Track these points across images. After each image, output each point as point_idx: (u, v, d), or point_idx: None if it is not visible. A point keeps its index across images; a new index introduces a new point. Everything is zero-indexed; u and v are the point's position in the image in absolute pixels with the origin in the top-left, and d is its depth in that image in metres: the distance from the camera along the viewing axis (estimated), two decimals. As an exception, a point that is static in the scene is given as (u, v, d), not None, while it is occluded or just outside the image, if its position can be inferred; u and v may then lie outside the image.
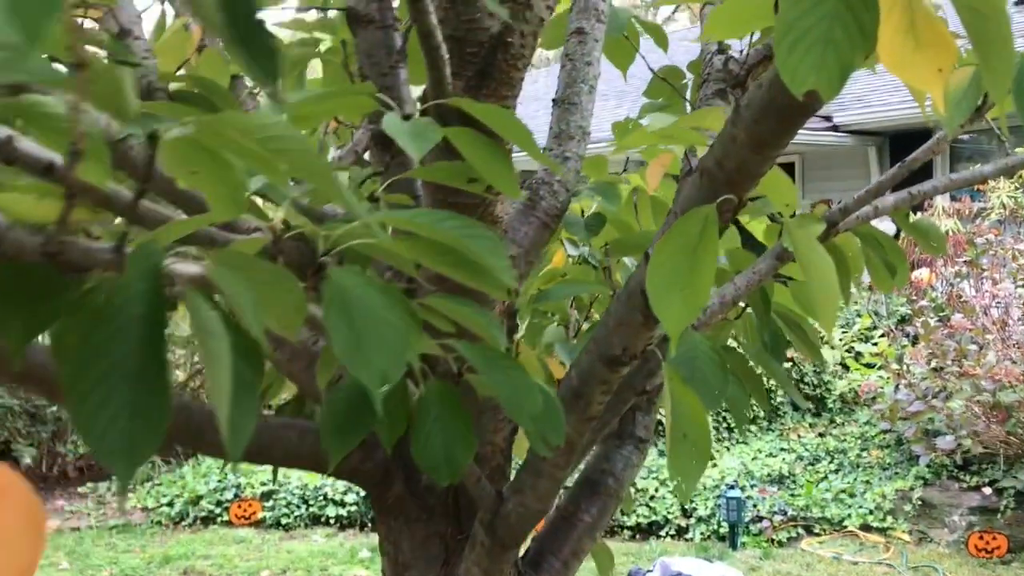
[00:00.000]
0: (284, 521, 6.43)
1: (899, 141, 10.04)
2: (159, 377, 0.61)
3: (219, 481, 6.67)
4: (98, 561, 5.73)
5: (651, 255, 0.87)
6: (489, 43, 1.21)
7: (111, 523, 6.44)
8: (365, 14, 1.45)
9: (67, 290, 0.73)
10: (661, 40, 2.00)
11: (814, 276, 0.87)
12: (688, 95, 1.92)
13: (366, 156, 1.72)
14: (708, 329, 1.44)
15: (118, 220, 0.95)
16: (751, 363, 1.37)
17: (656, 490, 6.39)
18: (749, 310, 1.47)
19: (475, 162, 1.08)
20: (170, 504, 6.58)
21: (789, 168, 10.93)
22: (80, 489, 6.98)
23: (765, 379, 1.55)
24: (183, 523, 6.48)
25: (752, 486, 6.53)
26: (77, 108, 0.74)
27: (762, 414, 7.30)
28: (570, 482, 1.61)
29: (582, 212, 1.64)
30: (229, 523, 6.46)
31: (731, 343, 1.53)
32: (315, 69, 1.98)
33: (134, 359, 0.61)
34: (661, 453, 6.59)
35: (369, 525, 6.31)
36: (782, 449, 7.08)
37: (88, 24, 1.79)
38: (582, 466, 1.70)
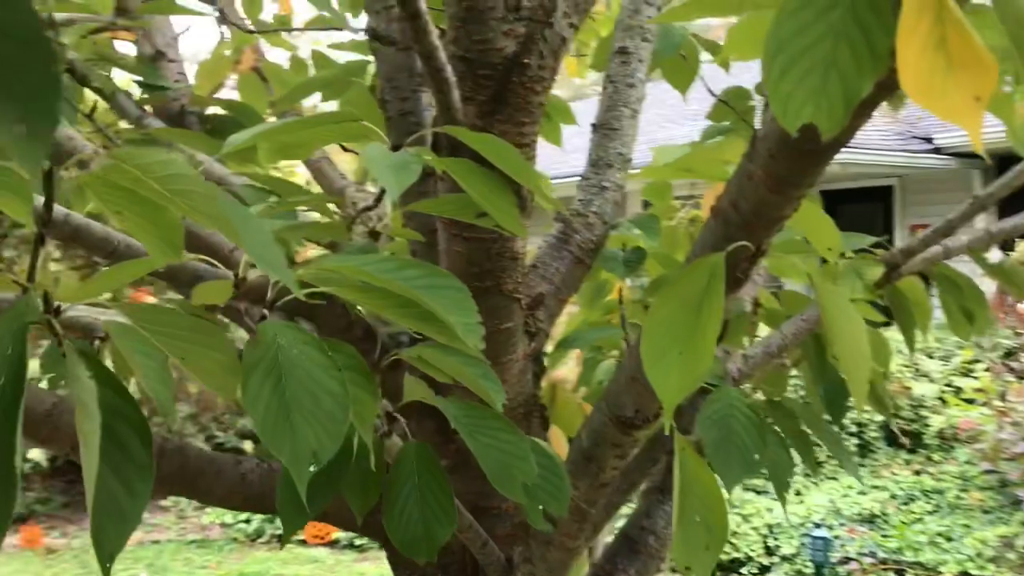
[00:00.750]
0: (358, 542, 6.41)
1: (1010, 165, 9.50)
2: (11, 470, 0.51)
3: (295, 499, 6.69)
4: (175, 575, 5.80)
5: (649, 311, 0.74)
6: (504, 65, 1.10)
7: (190, 538, 6.53)
8: (386, 35, 1.36)
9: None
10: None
11: (841, 339, 0.73)
12: (757, 119, 1.78)
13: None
14: (757, 380, 1.29)
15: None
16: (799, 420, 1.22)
17: (738, 525, 6.14)
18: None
19: (475, 195, 0.97)
20: (247, 521, 6.63)
21: (886, 192, 10.48)
22: (163, 503, 7.11)
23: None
24: (259, 540, 6.52)
25: (840, 525, 6.21)
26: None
27: (853, 448, 6.96)
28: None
29: (624, 246, 1.51)
30: (304, 542, 6.47)
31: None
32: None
33: (-12, 439, 0.52)
34: (743, 487, 6.33)
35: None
36: (874, 486, 6.72)
37: (122, 46, 1.76)
38: (621, 522, 1.56)
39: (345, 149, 1.62)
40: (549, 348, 1.47)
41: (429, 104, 1.38)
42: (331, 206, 1.25)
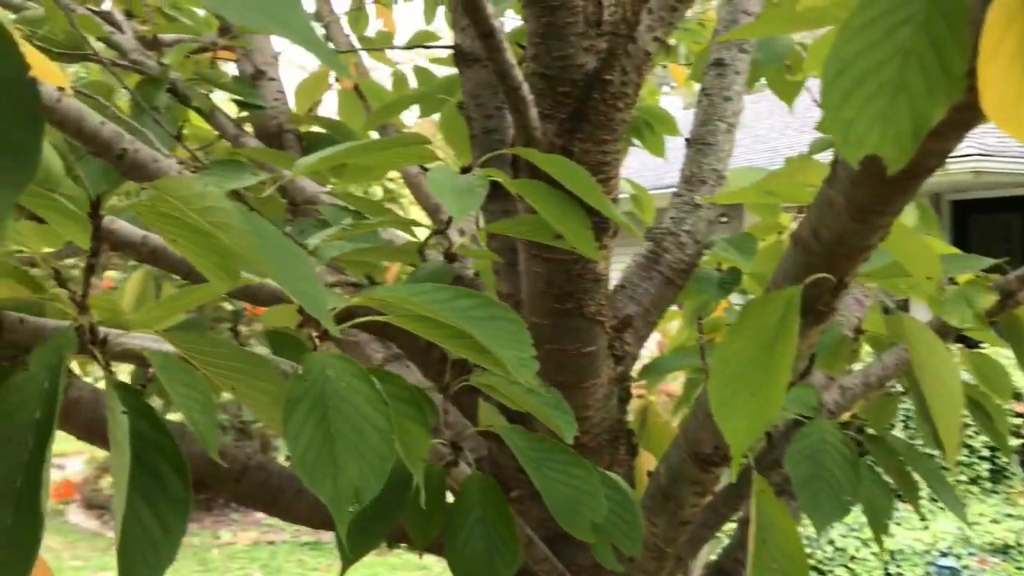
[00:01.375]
0: (465, 551, 6.43)
1: None
2: (37, 498, 0.51)
3: (406, 505, 6.78)
4: (288, 576, 5.96)
5: (718, 347, 0.69)
6: (585, 81, 1.06)
7: (303, 540, 6.69)
8: (471, 52, 1.34)
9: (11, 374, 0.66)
10: (832, 69, 1.77)
11: (931, 383, 0.66)
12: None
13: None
14: (862, 411, 1.21)
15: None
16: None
17: (857, 550, 5.87)
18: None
19: (549, 218, 0.94)
20: (359, 525, 6.75)
21: (1021, 202, 9.88)
22: (280, 503, 7.31)
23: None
24: (370, 545, 6.63)
25: (970, 555, 5.86)
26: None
27: (985, 473, 6.57)
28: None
29: (719, 265, 1.45)
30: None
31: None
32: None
33: (19, 476, 0.52)
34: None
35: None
36: (1008, 515, 6.32)
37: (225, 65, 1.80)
38: (715, 554, 1.49)
39: (425, 169, 1.61)
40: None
41: (515, 121, 1.35)
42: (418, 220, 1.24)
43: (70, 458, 8.04)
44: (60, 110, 1.10)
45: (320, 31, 2.15)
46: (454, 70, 1.94)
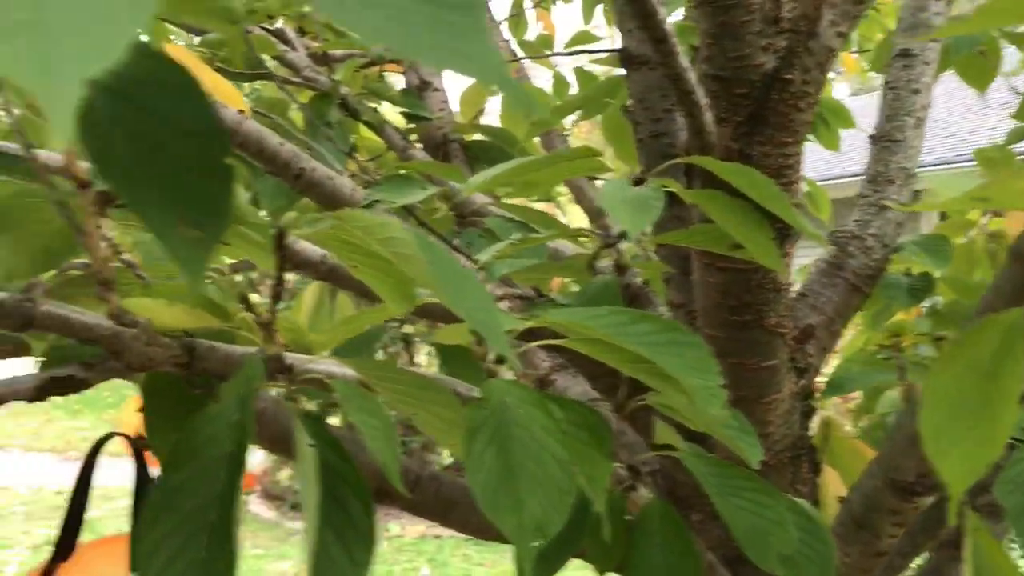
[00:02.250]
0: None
1: None
2: (232, 534, 0.51)
3: (570, 504, 6.78)
4: (454, 572, 6.08)
5: (928, 375, 0.63)
6: (763, 82, 1.00)
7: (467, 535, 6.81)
8: (639, 55, 1.30)
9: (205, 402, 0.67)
10: (1032, 51, 1.63)
11: None
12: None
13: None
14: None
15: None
16: None
17: (1054, 566, 5.42)
18: None
19: (728, 228, 0.90)
20: (522, 522, 6.81)
21: None
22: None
23: None
24: (533, 542, 6.68)
25: None
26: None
27: None
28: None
29: (908, 270, 1.35)
30: (578, 548, 6.54)
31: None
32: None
33: (213, 509, 0.53)
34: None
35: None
36: None
37: (392, 77, 1.84)
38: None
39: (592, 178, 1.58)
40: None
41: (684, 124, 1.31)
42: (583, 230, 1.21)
43: (250, 451, 8.49)
44: (241, 132, 1.14)
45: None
46: (616, 70, 1.91)
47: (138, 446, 0.81)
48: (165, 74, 0.32)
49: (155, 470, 0.92)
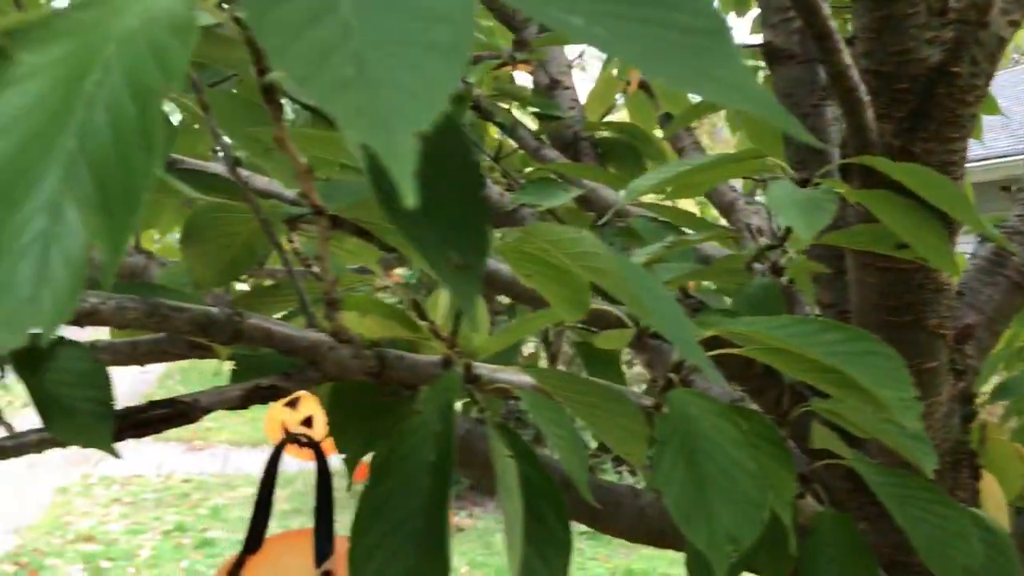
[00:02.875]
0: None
1: None
2: (442, 542, 0.53)
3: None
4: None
5: None
6: (926, 76, 0.97)
7: (580, 529, 6.82)
8: (785, 49, 1.27)
9: (394, 410, 0.69)
10: None
11: None
12: None
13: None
14: None
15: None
16: None
17: None
18: None
19: (898, 229, 0.87)
20: (635, 517, 6.78)
21: None
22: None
23: None
24: (647, 537, 6.64)
25: None
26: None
27: None
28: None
29: (1073, 266, 1.28)
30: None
31: None
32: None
33: (420, 518, 0.54)
34: None
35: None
36: None
37: (520, 77, 1.85)
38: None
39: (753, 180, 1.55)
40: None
41: (834, 119, 1.27)
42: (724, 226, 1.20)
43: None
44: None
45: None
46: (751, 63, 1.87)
47: (318, 446, 0.84)
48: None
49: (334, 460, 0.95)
